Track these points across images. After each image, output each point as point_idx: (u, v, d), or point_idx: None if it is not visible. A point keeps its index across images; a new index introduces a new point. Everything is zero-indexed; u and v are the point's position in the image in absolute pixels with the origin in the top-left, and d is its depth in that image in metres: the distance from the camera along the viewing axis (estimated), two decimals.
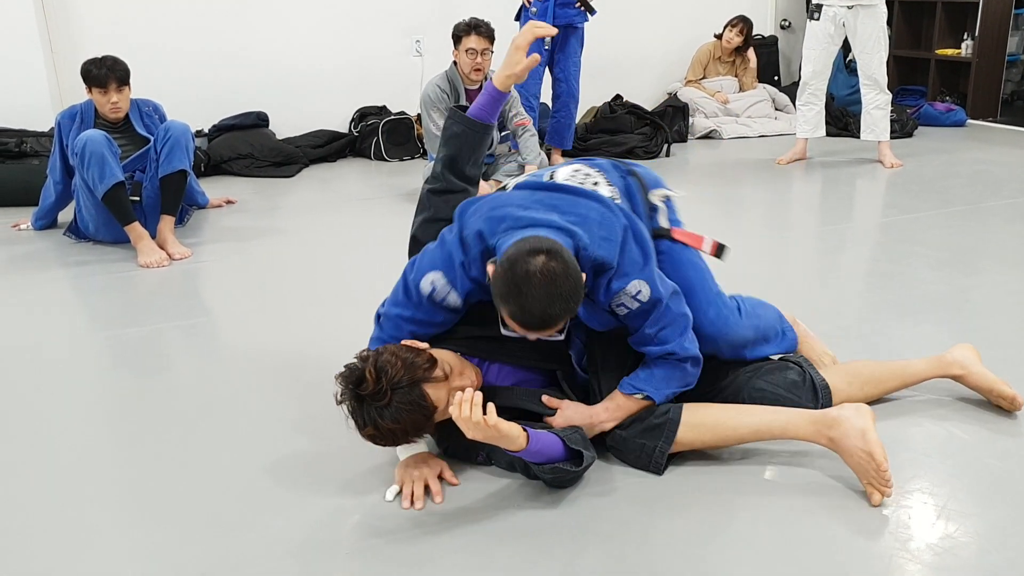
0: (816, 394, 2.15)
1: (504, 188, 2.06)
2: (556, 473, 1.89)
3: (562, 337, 1.89)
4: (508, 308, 1.78)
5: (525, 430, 1.83)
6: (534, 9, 5.14)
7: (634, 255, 1.93)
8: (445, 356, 1.95)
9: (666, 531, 1.80)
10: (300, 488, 1.97)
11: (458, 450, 2.05)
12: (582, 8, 5.21)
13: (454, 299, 1.95)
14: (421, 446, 2.02)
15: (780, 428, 2.02)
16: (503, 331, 1.87)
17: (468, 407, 1.74)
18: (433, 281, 1.94)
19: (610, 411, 2.03)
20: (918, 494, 1.89)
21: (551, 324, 1.79)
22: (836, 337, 2.72)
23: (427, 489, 1.92)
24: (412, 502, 1.88)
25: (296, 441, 2.18)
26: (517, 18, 5.29)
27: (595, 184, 2.08)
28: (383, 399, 1.80)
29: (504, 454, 1.94)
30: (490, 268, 1.83)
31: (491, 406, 1.77)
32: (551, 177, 2.08)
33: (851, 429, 1.93)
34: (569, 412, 2.04)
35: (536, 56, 2.17)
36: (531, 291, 1.73)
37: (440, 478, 1.95)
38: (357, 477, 2.00)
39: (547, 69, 5.36)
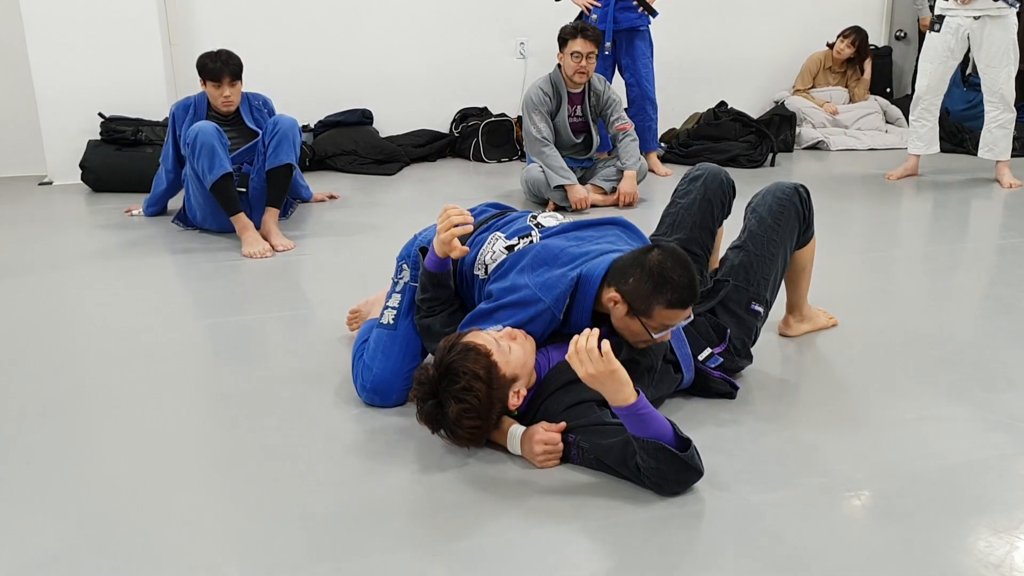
0: None
1: (531, 240, 2.27)
2: (660, 458, 1.81)
3: (691, 318, 2.12)
4: (665, 297, 1.98)
5: (637, 391, 1.83)
6: (594, 16, 5.08)
7: None
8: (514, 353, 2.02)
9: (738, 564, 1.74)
10: (392, 470, 1.98)
11: None
12: (642, 10, 5.12)
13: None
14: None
15: None
16: (656, 336, 2.05)
17: (584, 338, 1.80)
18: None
19: None
20: None
21: (697, 291, 2.04)
22: (947, 363, 2.59)
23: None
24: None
25: (390, 426, 2.19)
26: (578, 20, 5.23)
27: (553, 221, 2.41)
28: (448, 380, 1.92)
29: (598, 443, 1.93)
30: (613, 294, 2.04)
31: (606, 343, 1.80)
32: (536, 222, 2.36)
33: None
34: None
35: (465, 249, 2.20)
36: (673, 272, 1.99)
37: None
38: (440, 458, 2.01)
39: (615, 74, 5.30)
